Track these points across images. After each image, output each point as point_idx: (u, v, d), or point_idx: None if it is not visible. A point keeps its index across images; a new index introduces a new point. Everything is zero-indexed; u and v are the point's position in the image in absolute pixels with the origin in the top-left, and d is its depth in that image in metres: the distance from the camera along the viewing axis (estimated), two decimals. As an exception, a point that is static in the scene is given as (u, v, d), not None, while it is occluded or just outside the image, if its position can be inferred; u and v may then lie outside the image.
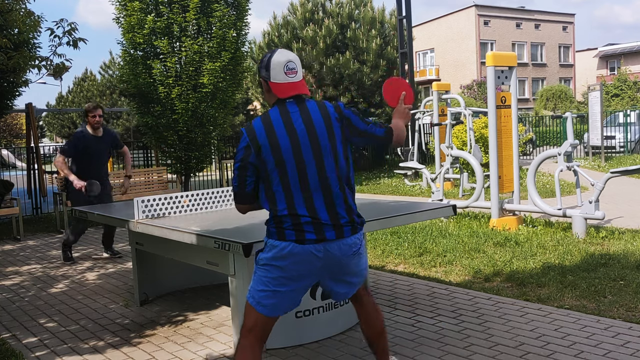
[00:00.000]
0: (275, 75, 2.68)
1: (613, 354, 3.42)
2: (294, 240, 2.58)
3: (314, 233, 2.58)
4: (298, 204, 2.59)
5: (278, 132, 2.62)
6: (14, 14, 5.81)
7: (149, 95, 10.47)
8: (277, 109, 2.68)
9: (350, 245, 2.68)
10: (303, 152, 2.61)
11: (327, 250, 2.61)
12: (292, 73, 2.69)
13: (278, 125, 2.63)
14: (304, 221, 2.58)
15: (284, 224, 2.60)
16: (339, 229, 2.62)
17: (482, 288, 4.87)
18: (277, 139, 2.60)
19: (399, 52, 14.84)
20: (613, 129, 18.85)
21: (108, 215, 4.76)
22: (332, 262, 2.65)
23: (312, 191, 2.60)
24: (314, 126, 2.65)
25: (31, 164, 11.33)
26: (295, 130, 2.62)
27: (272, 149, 2.60)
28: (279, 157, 2.60)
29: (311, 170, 2.61)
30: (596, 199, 6.48)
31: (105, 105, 33.51)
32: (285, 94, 2.68)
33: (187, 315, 4.59)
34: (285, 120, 2.64)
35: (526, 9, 49.69)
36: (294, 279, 2.62)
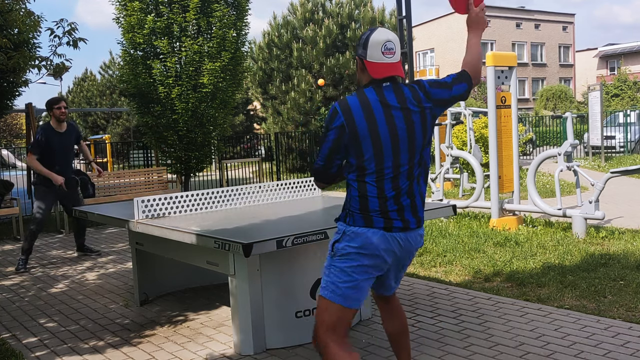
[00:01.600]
0: (372, 53, 2.58)
1: (613, 354, 3.42)
2: (382, 227, 2.53)
3: (400, 221, 2.57)
4: (388, 191, 2.54)
5: (378, 118, 2.52)
6: (14, 14, 5.81)
7: (149, 95, 10.47)
8: (374, 91, 2.57)
9: (421, 237, 2.71)
10: (400, 144, 2.54)
11: (407, 240, 2.62)
12: (389, 53, 2.59)
13: (378, 110, 2.53)
14: (391, 209, 2.54)
15: (372, 211, 2.54)
16: (417, 219, 2.63)
17: (482, 288, 4.87)
18: (377, 126, 2.51)
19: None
20: (613, 129, 18.85)
21: (108, 215, 4.76)
22: (407, 252, 2.66)
23: (400, 180, 2.55)
24: (409, 110, 2.56)
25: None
26: (394, 119, 2.53)
27: (371, 136, 2.51)
28: (379, 147, 2.52)
29: (404, 157, 2.55)
30: (596, 199, 6.48)
31: (105, 105, 33.52)
32: (381, 74, 2.58)
33: (187, 315, 4.59)
34: (384, 105, 2.54)
35: (526, 9, 49.69)
36: (376, 267, 2.58)
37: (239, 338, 3.70)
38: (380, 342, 3.79)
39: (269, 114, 19.80)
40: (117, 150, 19.88)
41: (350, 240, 2.56)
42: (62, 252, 7.54)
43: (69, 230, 8.96)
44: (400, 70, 2.63)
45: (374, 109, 2.53)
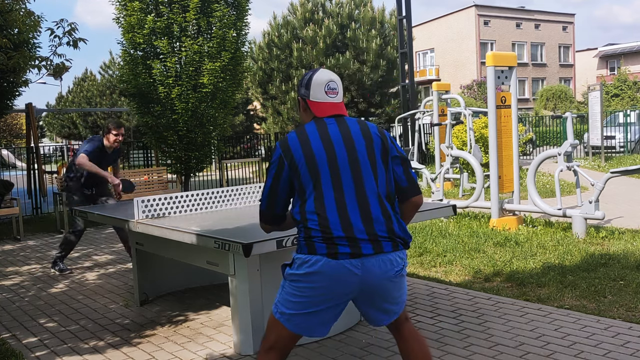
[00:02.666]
0: (315, 94, 2.58)
1: (613, 354, 3.42)
2: (325, 254, 2.38)
3: (349, 247, 2.38)
4: (332, 217, 2.41)
5: (313, 143, 2.49)
6: (14, 14, 5.81)
7: (149, 95, 10.47)
8: (314, 123, 2.56)
9: (392, 262, 2.44)
10: (339, 164, 2.47)
11: (364, 266, 2.39)
12: (332, 93, 2.60)
13: (314, 137, 2.50)
14: (337, 235, 2.39)
15: (314, 238, 2.41)
16: (376, 243, 2.41)
17: (482, 288, 4.87)
18: (312, 150, 2.47)
19: (399, 52, 14.84)
20: (613, 129, 18.85)
21: (108, 215, 4.76)
22: (371, 282, 2.41)
23: (347, 204, 2.43)
24: (352, 139, 2.51)
25: (31, 164, 11.33)
26: (331, 142, 2.49)
27: (306, 159, 2.46)
28: (314, 168, 2.46)
29: (347, 183, 2.45)
30: (596, 199, 6.48)
31: (105, 105, 33.53)
32: (325, 113, 2.58)
33: (187, 315, 4.59)
34: (321, 132, 2.51)
35: (526, 9, 49.69)
36: (327, 297, 2.41)
37: (239, 338, 3.71)
38: (380, 342, 3.79)
39: (269, 114, 19.80)
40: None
41: (298, 267, 2.45)
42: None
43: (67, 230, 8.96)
44: (343, 110, 2.62)
45: (309, 136, 2.51)
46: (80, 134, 36.15)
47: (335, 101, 2.61)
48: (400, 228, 2.52)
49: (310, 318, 2.46)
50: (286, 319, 2.47)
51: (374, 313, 2.55)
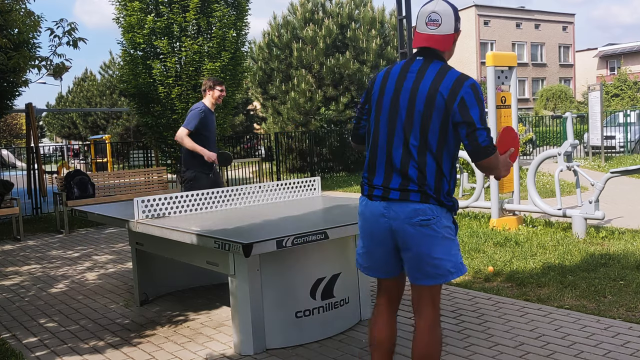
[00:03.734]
0: (418, 24, 2.63)
1: (613, 354, 3.42)
2: (366, 195, 2.66)
3: (381, 190, 2.59)
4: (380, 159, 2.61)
5: (387, 88, 2.63)
6: (14, 14, 5.81)
7: (149, 95, 10.48)
8: (402, 64, 2.67)
9: (416, 211, 2.51)
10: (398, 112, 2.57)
11: (391, 209, 2.56)
12: (433, 24, 2.58)
13: (391, 81, 2.63)
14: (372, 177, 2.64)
15: (363, 178, 2.71)
16: (404, 192, 2.53)
17: (482, 288, 4.87)
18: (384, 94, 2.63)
19: (399, 52, 14.83)
20: (613, 129, 18.85)
21: (108, 215, 4.76)
22: (398, 225, 2.54)
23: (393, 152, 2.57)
24: (416, 95, 2.53)
25: (31, 164, 11.33)
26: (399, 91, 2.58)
27: (377, 101, 2.66)
28: (378, 112, 2.65)
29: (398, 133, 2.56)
30: (596, 199, 6.48)
31: (105, 105, 33.54)
32: (417, 43, 2.63)
33: (187, 315, 4.59)
34: (399, 77, 2.61)
35: (526, 9, 49.70)
36: (371, 234, 2.66)
37: (239, 338, 3.70)
38: (380, 342, 3.78)
39: (269, 114, 19.80)
40: (117, 150, 19.88)
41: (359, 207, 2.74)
42: (62, 252, 7.54)
43: (68, 231, 8.97)
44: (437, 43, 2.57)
45: (389, 78, 2.65)
46: (80, 134, 36.16)
47: (434, 33, 2.57)
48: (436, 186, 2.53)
49: (368, 257, 2.73)
50: (359, 264, 2.79)
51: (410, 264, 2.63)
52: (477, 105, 2.49)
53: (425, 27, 2.59)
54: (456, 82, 2.50)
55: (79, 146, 29.55)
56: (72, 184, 9.09)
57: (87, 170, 19.08)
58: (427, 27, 2.58)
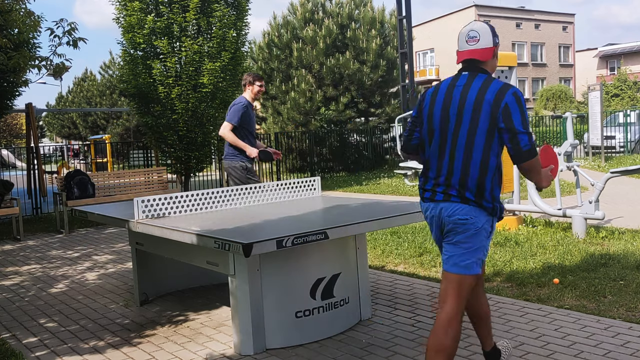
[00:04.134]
0: (460, 45, 2.89)
1: (613, 354, 3.42)
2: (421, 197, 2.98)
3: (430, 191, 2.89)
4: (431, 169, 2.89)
5: (437, 100, 2.85)
6: (14, 14, 5.81)
7: (149, 95, 10.48)
8: (450, 80, 2.89)
9: (455, 210, 2.79)
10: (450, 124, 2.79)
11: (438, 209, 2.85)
12: (472, 41, 2.85)
13: (440, 94, 2.86)
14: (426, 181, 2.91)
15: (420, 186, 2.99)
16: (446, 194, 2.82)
17: (482, 288, 4.87)
18: (434, 107, 2.86)
19: (399, 52, 14.84)
20: (613, 129, 18.85)
21: (108, 215, 4.76)
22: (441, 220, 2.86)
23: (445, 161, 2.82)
24: (464, 103, 2.77)
25: (31, 164, 11.33)
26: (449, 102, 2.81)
27: (428, 114, 2.88)
28: (431, 124, 2.87)
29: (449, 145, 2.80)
30: (596, 199, 6.48)
31: (105, 105, 33.53)
32: (461, 59, 2.88)
33: (187, 315, 4.59)
34: (448, 91, 2.85)
35: (526, 9, 49.69)
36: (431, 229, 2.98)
37: (239, 338, 3.70)
38: (381, 342, 3.79)
39: (269, 114, 19.80)
40: (117, 150, 19.89)
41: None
42: (62, 252, 7.54)
43: (68, 231, 8.97)
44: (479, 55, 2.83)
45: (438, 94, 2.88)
46: (80, 134, 36.17)
47: (475, 47, 2.84)
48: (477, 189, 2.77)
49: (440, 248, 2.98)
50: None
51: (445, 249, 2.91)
52: (519, 111, 2.73)
53: (466, 44, 2.87)
54: (500, 90, 2.74)
55: (79, 146, 29.55)
56: (72, 184, 9.10)
57: (87, 170, 19.08)
58: (467, 44, 2.86)
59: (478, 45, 2.84)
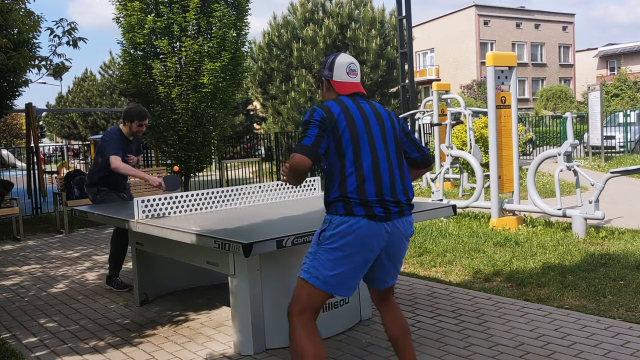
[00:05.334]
0: (338, 74, 2.90)
1: (613, 354, 3.42)
2: (363, 215, 2.68)
3: (383, 211, 2.71)
4: (368, 182, 2.71)
5: (352, 111, 2.79)
6: (14, 14, 5.81)
7: (149, 95, 10.48)
8: (346, 97, 2.87)
9: (410, 223, 2.84)
10: (374, 134, 2.79)
11: (394, 226, 2.76)
12: (353, 74, 2.93)
13: (352, 106, 2.82)
14: (372, 200, 2.70)
15: (352, 200, 2.69)
16: (401, 207, 2.78)
17: (482, 288, 4.87)
18: (353, 116, 2.77)
19: (399, 52, 14.83)
20: (613, 129, 18.85)
21: (108, 215, 4.76)
22: (395, 240, 2.78)
23: (381, 172, 2.74)
24: (379, 113, 2.87)
25: (31, 164, 11.33)
26: (366, 113, 2.82)
27: (348, 124, 2.75)
28: (355, 134, 2.74)
29: (381, 152, 2.78)
30: (596, 199, 6.48)
31: (105, 105, 33.54)
32: (347, 91, 2.89)
33: (187, 315, 4.59)
34: (356, 104, 2.84)
35: (526, 9, 49.68)
36: (362, 256, 2.71)
37: (239, 338, 3.70)
38: (380, 342, 3.79)
39: (269, 114, 19.80)
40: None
41: (336, 227, 2.70)
42: (62, 252, 7.54)
43: (68, 231, 8.97)
44: (362, 89, 2.95)
45: (346, 103, 2.82)
46: (80, 134, 36.17)
47: (356, 81, 2.93)
48: (412, 194, 2.89)
49: (346, 276, 2.72)
50: (322, 282, 2.71)
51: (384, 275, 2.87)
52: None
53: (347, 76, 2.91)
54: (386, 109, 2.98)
55: (79, 146, 29.55)
56: (72, 184, 9.10)
57: (87, 170, 19.05)
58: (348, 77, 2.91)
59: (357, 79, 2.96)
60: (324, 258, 2.71)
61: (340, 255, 2.69)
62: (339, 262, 2.69)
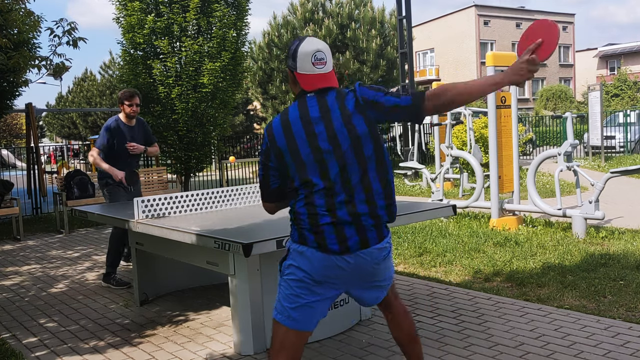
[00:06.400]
0: (302, 65, 2.48)
1: (613, 354, 3.42)
2: (315, 246, 2.39)
3: (337, 243, 2.37)
4: (320, 208, 2.39)
5: (296, 135, 2.44)
6: (14, 14, 5.81)
7: (149, 95, 10.48)
8: (297, 106, 2.50)
9: (379, 250, 2.45)
10: (323, 150, 2.41)
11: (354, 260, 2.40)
12: (320, 64, 2.48)
13: (296, 127, 2.45)
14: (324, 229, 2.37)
15: (304, 228, 2.42)
16: (363, 236, 2.39)
17: (482, 288, 4.87)
18: (297, 144, 2.43)
19: (399, 52, 14.83)
20: (613, 129, 18.85)
21: (108, 215, 4.76)
22: (361, 272, 2.45)
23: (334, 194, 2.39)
24: (332, 125, 2.42)
25: (31, 164, 11.33)
26: (314, 132, 2.42)
27: (291, 154, 2.44)
28: (298, 158, 2.43)
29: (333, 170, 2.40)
30: (596, 199, 6.48)
31: (105, 105, 33.53)
32: (311, 86, 2.49)
33: (187, 315, 4.59)
34: (304, 121, 2.45)
35: (526, 9, 49.69)
36: (324, 287, 2.43)
37: (239, 338, 3.71)
38: (381, 342, 3.79)
39: (269, 114, 19.80)
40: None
41: (293, 258, 2.45)
42: (62, 252, 7.54)
43: (68, 231, 8.96)
44: (333, 81, 2.53)
45: (292, 126, 2.46)
46: (80, 134, 36.16)
47: (324, 72, 2.50)
48: (386, 211, 2.46)
49: (307, 310, 2.44)
50: (286, 316, 2.46)
51: (368, 293, 2.58)
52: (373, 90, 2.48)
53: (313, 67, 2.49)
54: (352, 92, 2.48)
55: (79, 146, 29.55)
56: (72, 184, 9.09)
57: (87, 170, 19.07)
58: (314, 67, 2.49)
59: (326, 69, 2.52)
60: (285, 291, 2.46)
61: (299, 286, 2.42)
62: (299, 294, 2.42)
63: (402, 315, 2.75)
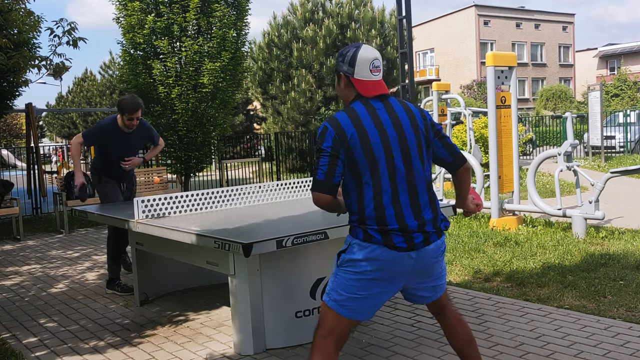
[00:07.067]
0: (359, 71, 2.57)
1: (613, 354, 3.42)
2: (381, 243, 2.47)
3: (404, 240, 2.48)
4: (388, 208, 2.48)
5: (367, 127, 2.50)
6: (14, 14, 5.81)
7: (149, 95, 10.48)
8: (362, 105, 2.56)
9: (438, 247, 2.60)
10: (394, 151, 2.51)
11: (418, 256, 2.52)
12: (377, 71, 2.59)
13: (366, 120, 2.51)
14: (392, 228, 2.47)
15: (369, 227, 2.49)
16: (426, 234, 2.53)
17: (482, 288, 4.87)
18: (368, 135, 2.49)
19: (399, 52, 14.82)
20: (613, 129, 18.85)
21: (108, 215, 4.76)
22: (422, 267, 2.56)
23: (400, 195, 2.50)
24: (401, 124, 2.55)
25: (31, 164, 11.33)
26: (384, 128, 2.52)
27: (362, 144, 2.48)
28: (371, 155, 2.48)
29: (400, 172, 2.51)
30: (596, 199, 6.48)
31: (105, 105, 33.54)
32: (370, 92, 2.58)
33: (187, 315, 4.59)
34: (372, 116, 2.53)
35: (526, 9, 49.68)
36: (382, 282, 2.52)
37: (239, 338, 3.70)
38: (381, 342, 3.79)
39: (269, 114, 19.80)
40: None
41: (356, 252, 2.51)
42: (62, 252, 7.54)
43: (68, 231, 8.96)
44: (386, 88, 2.63)
45: (362, 118, 2.52)
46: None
47: (379, 79, 2.62)
48: (442, 214, 2.66)
49: (364, 301, 2.54)
50: (340, 304, 2.54)
51: (423, 291, 2.69)
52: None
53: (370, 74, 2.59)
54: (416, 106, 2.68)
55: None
56: (72, 184, 9.09)
57: (87, 170, 19.06)
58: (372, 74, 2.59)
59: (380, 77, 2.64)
60: (342, 281, 2.54)
61: (358, 279, 2.50)
62: (358, 287, 2.51)
63: (455, 321, 2.79)
